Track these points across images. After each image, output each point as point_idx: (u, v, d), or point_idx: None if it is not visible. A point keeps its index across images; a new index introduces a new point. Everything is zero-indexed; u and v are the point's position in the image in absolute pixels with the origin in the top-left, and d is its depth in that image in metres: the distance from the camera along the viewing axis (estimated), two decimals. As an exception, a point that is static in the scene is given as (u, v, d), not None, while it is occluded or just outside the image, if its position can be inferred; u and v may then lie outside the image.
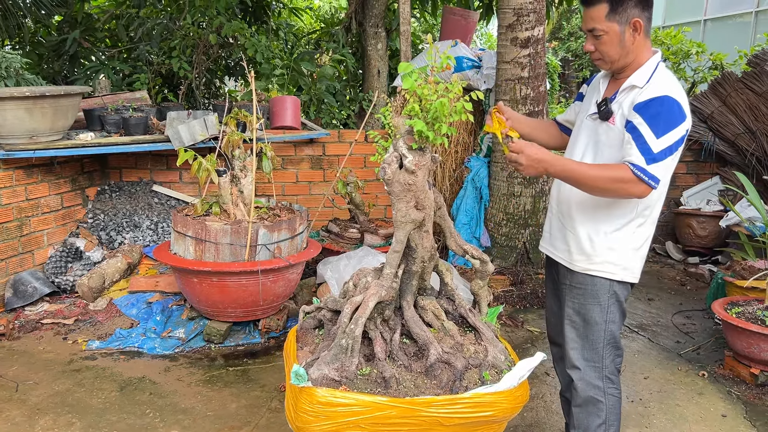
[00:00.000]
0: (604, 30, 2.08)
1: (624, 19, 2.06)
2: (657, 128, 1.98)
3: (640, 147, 1.99)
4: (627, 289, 2.27)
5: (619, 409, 2.33)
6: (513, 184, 4.91)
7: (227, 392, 3.19)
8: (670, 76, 2.10)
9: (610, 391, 2.30)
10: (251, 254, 3.60)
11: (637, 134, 2.01)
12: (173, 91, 6.29)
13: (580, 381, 2.31)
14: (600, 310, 2.25)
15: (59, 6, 6.28)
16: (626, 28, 2.07)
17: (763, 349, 3.26)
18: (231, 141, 3.75)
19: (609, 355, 2.29)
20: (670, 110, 2.00)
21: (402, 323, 2.27)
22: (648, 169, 1.99)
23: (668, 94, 2.01)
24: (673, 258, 5.90)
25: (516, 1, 4.59)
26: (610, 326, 2.26)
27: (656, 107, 2.00)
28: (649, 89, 2.05)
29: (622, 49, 2.10)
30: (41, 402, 3.04)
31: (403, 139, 2.09)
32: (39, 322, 3.94)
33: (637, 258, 2.24)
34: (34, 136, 4.19)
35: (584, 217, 2.24)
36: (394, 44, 7.14)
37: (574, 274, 2.28)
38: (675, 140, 2.00)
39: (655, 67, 2.11)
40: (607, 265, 2.21)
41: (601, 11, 2.07)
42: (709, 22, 12.45)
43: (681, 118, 2.01)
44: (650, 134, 1.98)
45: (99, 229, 4.86)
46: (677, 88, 2.05)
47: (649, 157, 1.98)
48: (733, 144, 5.84)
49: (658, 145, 1.98)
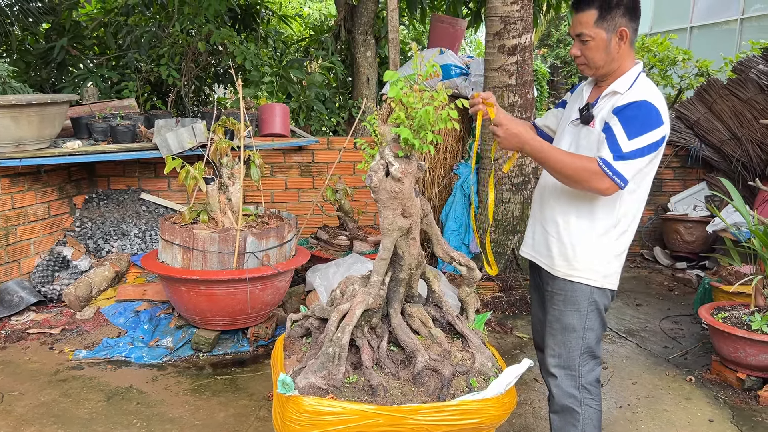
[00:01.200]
0: (592, 36, 2.12)
1: (611, 27, 2.11)
2: (630, 129, 2.03)
3: (611, 145, 2.05)
4: (607, 297, 2.28)
5: (597, 421, 2.31)
6: (501, 191, 4.93)
7: (215, 401, 3.17)
8: (651, 85, 2.15)
9: (587, 401, 2.29)
10: (239, 262, 3.59)
11: (611, 134, 2.06)
12: (162, 99, 6.27)
13: (556, 388, 2.33)
14: (579, 317, 2.26)
15: (47, 14, 6.26)
16: (613, 36, 2.12)
17: (749, 353, 3.28)
18: (219, 149, 3.74)
19: (585, 365, 2.29)
20: (646, 114, 2.04)
21: (389, 331, 2.27)
22: (614, 164, 2.03)
23: (647, 99, 2.06)
24: (661, 263, 5.94)
25: (503, 10, 4.63)
26: (588, 334, 2.26)
27: (633, 110, 2.05)
28: (629, 95, 2.10)
29: (607, 56, 2.14)
30: (27, 413, 3.01)
31: (389, 146, 2.09)
32: (25, 332, 3.91)
33: (617, 265, 2.26)
34: (20, 145, 4.16)
35: (566, 222, 2.26)
36: (383, 51, 7.16)
37: (556, 279, 2.30)
38: (647, 143, 2.04)
39: (637, 76, 2.16)
40: (588, 272, 2.23)
41: (590, 17, 2.11)
42: (696, 29, 12.58)
43: (657, 123, 2.05)
44: (622, 134, 2.03)
45: (86, 238, 4.83)
46: (657, 96, 2.10)
47: (617, 154, 2.03)
48: (719, 150, 5.89)
49: (629, 145, 2.03)
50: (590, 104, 2.23)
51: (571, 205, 2.24)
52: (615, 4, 2.09)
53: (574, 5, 2.18)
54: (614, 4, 2.09)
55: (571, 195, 2.23)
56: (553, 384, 2.34)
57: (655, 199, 6.26)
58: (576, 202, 2.23)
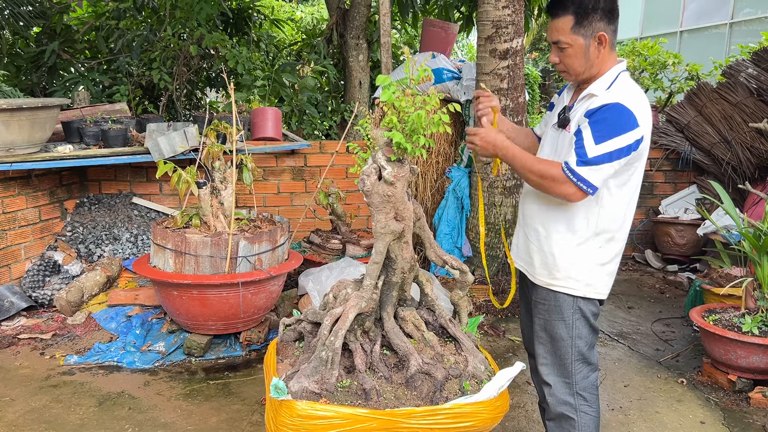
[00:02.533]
0: (569, 43, 2.08)
1: (589, 33, 2.06)
2: (598, 133, 1.98)
3: (577, 149, 2.00)
4: (594, 305, 2.23)
5: (595, 427, 2.27)
6: (494, 194, 4.94)
7: (208, 406, 3.16)
8: (630, 85, 2.10)
9: (583, 408, 2.25)
10: (232, 266, 3.59)
11: (579, 137, 2.02)
12: (154, 103, 6.26)
13: (551, 397, 2.29)
14: (565, 326, 2.22)
15: (38, 17, 6.23)
16: (591, 41, 2.07)
17: (740, 355, 3.30)
18: (211, 153, 3.74)
19: (580, 372, 2.24)
20: (617, 117, 1.98)
21: (382, 334, 2.28)
22: (577, 170, 1.99)
23: (619, 102, 1.99)
24: (652, 266, 5.97)
25: (494, 14, 4.64)
26: (577, 342, 2.21)
27: (603, 113, 2.00)
28: (602, 96, 2.05)
29: (586, 62, 2.11)
30: (17, 419, 2.99)
31: (381, 150, 2.10)
32: (15, 338, 3.88)
33: (602, 274, 2.20)
34: (11, 149, 4.14)
35: (545, 230, 2.22)
36: (375, 55, 7.17)
37: (538, 288, 2.27)
38: (616, 147, 1.98)
39: (616, 77, 2.11)
40: (569, 281, 2.18)
41: (566, 24, 2.07)
42: (686, 33, 12.68)
43: (629, 125, 1.98)
44: (590, 138, 1.99)
45: (78, 242, 4.80)
46: (633, 97, 2.04)
47: (581, 159, 1.99)
48: (709, 153, 5.93)
49: (595, 150, 1.98)
50: (567, 107, 2.20)
51: (549, 212, 2.21)
52: (591, 8, 2.04)
53: (550, 11, 2.13)
54: (590, 9, 2.04)
55: (549, 202, 2.19)
56: (548, 392, 2.30)
57: (646, 202, 6.30)
58: (554, 209, 2.19)
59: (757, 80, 5.43)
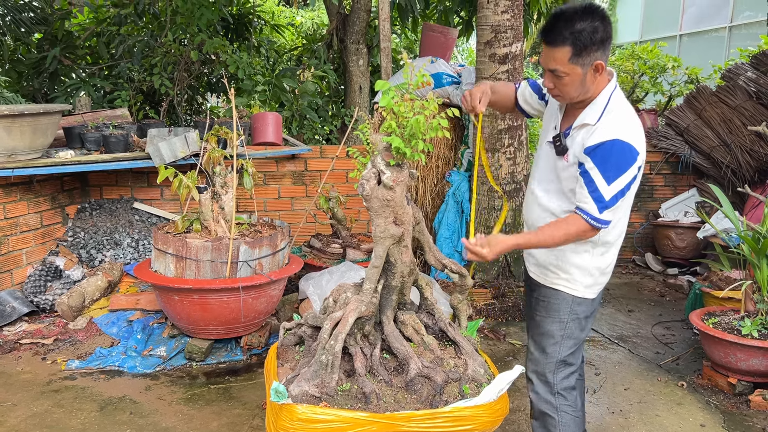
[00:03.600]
0: (566, 72, 2.05)
1: (587, 62, 2.03)
2: (607, 174, 2.00)
3: (593, 194, 2.02)
4: (588, 305, 2.29)
5: (576, 427, 2.34)
6: (493, 198, 4.95)
7: (209, 410, 3.17)
8: (621, 108, 2.09)
9: (564, 408, 2.32)
10: (232, 271, 3.60)
11: (589, 179, 2.03)
12: (154, 108, 6.28)
13: (532, 393, 2.37)
14: (559, 325, 2.28)
15: (39, 24, 6.26)
16: (588, 69, 2.05)
17: (740, 358, 3.31)
18: (212, 158, 3.75)
19: (560, 371, 2.31)
20: (620, 155, 2.00)
21: (382, 338, 2.29)
22: (601, 217, 2.03)
23: (618, 138, 2.00)
24: (652, 269, 5.97)
25: (494, 19, 4.66)
26: (566, 342, 2.28)
27: (606, 151, 2.00)
28: (600, 130, 2.04)
29: (582, 88, 2.09)
30: (19, 424, 2.99)
31: (380, 155, 2.11)
32: (17, 343, 3.89)
33: (602, 278, 2.28)
34: (12, 155, 4.16)
35: None
36: (375, 60, 7.19)
37: (540, 286, 2.33)
38: (626, 183, 2.02)
39: (608, 100, 2.09)
40: (571, 281, 2.25)
41: (564, 54, 2.02)
42: (685, 37, 12.70)
43: (632, 159, 2.01)
44: (602, 181, 2.00)
45: (79, 248, 4.82)
46: (627, 124, 2.04)
47: (601, 206, 2.02)
48: (708, 156, 5.94)
49: (610, 191, 2.00)
50: (562, 134, 2.19)
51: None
52: (590, 42, 2.00)
53: (546, 38, 2.06)
54: (589, 42, 2.00)
55: (554, 214, 2.25)
56: (530, 389, 2.39)
57: (646, 206, 6.31)
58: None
59: (757, 84, 5.45)
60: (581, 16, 2.00)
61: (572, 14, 2.00)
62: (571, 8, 2.02)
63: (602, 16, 2.02)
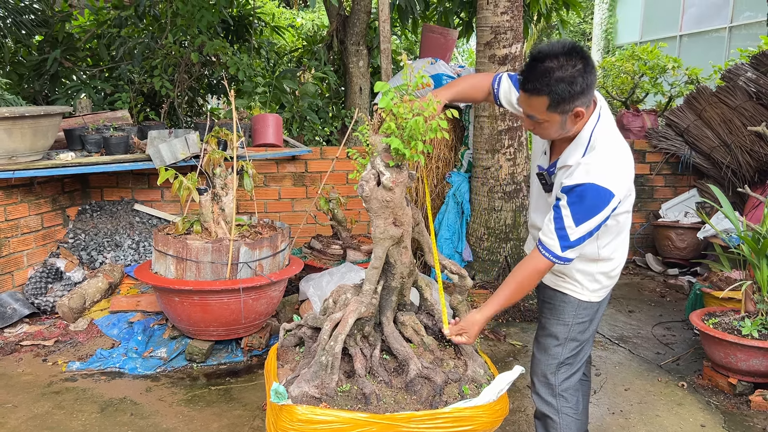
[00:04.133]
0: (545, 119, 1.99)
1: (566, 110, 1.95)
2: (578, 216, 1.96)
3: (559, 231, 2.00)
4: (593, 310, 2.29)
5: (575, 429, 2.34)
6: (494, 199, 4.96)
7: (209, 411, 3.17)
8: (604, 147, 2.01)
9: (565, 410, 2.32)
10: (233, 272, 3.60)
11: (559, 215, 2.00)
12: (155, 110, 6.29)
13: (534, 395, 2.37)
14: (564, 327, 2.28)
15: (40, 26, 6.28)
16: (568, 116, 1.97)
17: (740, 358, 3.31)
18: (212, 159, 3.76)
19: (562, 373, 2.31)
20: (593, 198, 1.95)
21: (382, 339, 2.29)
22: (563, 255, 2.02)
23: (593, 182, 1.94)
24: (653, 270, 5.97)
25: (493, 20, 4.67)
26: (569, 344, 2.28)
27: (580, 194, 1.96)
28: (578, 171, 1.99)
29: (562, 130, 2.03)
30: (20, 425, 3.00)
31: (380, 156, 2.12)
32: (18, 344, 3.90)
33: (609, 281, 2.28)
34: (13, 157, 4.17)
35: None
36: (375, 61, 7.20)
37: (546, 288, 2.33)
38: (596, 224, 1.98)
39: (590, 137, 2.02)
40: (577, 285, 2.25)
41: (541, 103, 1.95)
42: (685, 37, 12.71)
43: (605, 203, 1.95)
44: (570, 221, 1.97)
45: (80, 249, 4.82)
46: (606, 166, 1.97)
47: (564, 245, 2.00)
48: (709, 157, 5.95)
49: (576, 233, 1.98)
50: (547, 173, 2.18)
51: None
52: (568, 96, 1.91)
53: (522, 86, 1.97)
54: (567, 96, 1.91)
55: None
56: (533, 390, 2.38)
57: (646, 206, 6.31)
58: None
59: (757, 84, 5.45)
60: (561, 65, 1.88)
61: (551, 63, 1.89)
62: (551, 52, 1.90)
63: (584, 59, 1.90)
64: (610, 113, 2.12)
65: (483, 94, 2.36)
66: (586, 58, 1.91)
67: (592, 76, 1.92)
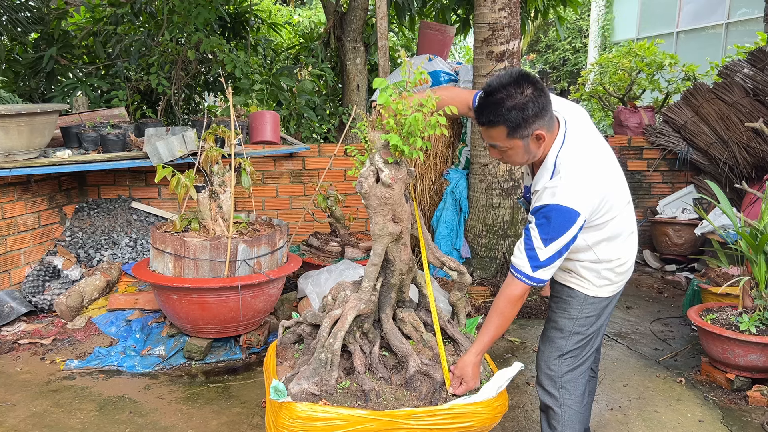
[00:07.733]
0: (507, 146, 2.06)
1: (526, 134, 2.02)
2: (545, 236, 2.00)
3: (528, 252, 2.04)
4: (600, 305, 2.30)
5: (576, 421, 2.36)
6: (492, 196, 4.96)
7: (208, 409, 3.17)
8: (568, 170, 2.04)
9: (567, 402, 2.33)
10: (231, 270, 3.60)
11: (528, 236, 2.05)
12: (152, 108, 6.27)
13: (538, 386, 2.40)
14: (570, 321, 2.30)
15: (36, 23, 6.25)
16: (530, 140, 2.04)
17: (738, 354, 3.32)
18: (209, 157, 3.75)
19: (566, 366, 2.33)
20: (558, 218, 1.99)
21: (381, 336, 2.29)
22: (535, 275, 2.05)
23: (557, 203, 1.99)
24: (650, 266, 5.98)
25: (491, 17, 4.67)
26: (573, 338, 2.30)
27: (547, 215, 2.01)
28: (544, 194, 2.03)
29: (528, 155, 2.09)
30: (18, 424, 2.99)
31: (379, 153, 2.11)
32: (16, 343, 3.89)
33: (618, 277, 2.29)
34: (10, 155, 4.16)
35: None
36: (372, 58, 7.19)
37: (554, 282, 2.35)
38: (564, 244, 2.01)
39: (555, 162, 2.07)
40: (583, 281, 2.26)
41: (500, 133, 2.03)
42: (682, 34, 12.71)
43: (570, 222, 1.99)
44: (539, 242, 2.01)
45: (77, 247, 4.81)
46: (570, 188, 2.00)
47: (534, 265, 2.03)
48: (706, 153, 5.95)
49: (545, 252, 2.01)
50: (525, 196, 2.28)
51: None
52: (522, 120, 1.98)
53: (478, 120, 2.06)
54: (521, 121, 1.98)
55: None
56: (536, 382, 2.41)
57: (644, 203, 6.32)
58: None
59: (753, 80, 5.46)
60: (509, 94, 1.96)
61: (500, 94, 1.97)
62: (500, 84, 1.98)
63: (533, 84, 1.97)
64: (580, 131, 2.13)
65: (463, 108, 2.38)
66: (534, 83, 1.99)
67: (543, 99, 1.99)
